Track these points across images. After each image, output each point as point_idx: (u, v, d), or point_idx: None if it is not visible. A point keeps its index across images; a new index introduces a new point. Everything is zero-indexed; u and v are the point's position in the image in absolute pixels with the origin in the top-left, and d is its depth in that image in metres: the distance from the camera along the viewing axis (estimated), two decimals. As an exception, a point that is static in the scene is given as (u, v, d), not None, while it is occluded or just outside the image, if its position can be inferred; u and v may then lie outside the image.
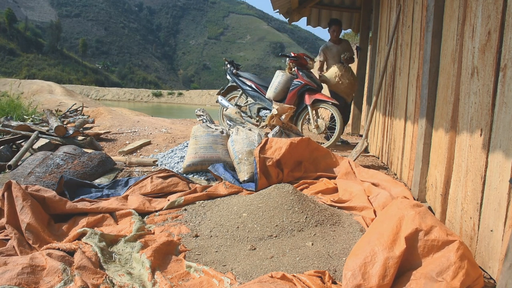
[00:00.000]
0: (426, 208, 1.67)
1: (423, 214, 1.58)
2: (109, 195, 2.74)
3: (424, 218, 1.55)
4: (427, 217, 1.57)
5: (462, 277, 1.36)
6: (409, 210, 1.61)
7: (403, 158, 3.23)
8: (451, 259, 1.40)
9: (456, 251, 1.42)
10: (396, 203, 1.75)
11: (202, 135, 3.53)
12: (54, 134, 4.28)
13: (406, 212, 1.60)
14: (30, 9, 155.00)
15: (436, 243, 1.48)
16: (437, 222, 1.55)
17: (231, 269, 1.74)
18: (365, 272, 1.43)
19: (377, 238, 1.54)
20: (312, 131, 4.75)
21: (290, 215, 2.16)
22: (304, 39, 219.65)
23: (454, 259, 1.40)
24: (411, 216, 1.57)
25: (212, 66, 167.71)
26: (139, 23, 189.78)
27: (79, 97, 18.91)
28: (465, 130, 1.92)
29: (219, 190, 2.78)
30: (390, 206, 1.78)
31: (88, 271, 1.59)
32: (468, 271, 1.38)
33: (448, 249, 1.45)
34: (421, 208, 1.63)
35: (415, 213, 1.58)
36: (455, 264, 1.39)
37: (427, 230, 1.51)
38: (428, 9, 2.48)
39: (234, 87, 5.69)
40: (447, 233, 1.50)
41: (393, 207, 1.73)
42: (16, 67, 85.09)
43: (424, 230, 1.51)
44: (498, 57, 1.62)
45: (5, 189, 2.13)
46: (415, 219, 1.55)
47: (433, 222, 1.54)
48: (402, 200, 1.76)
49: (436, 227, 1.51)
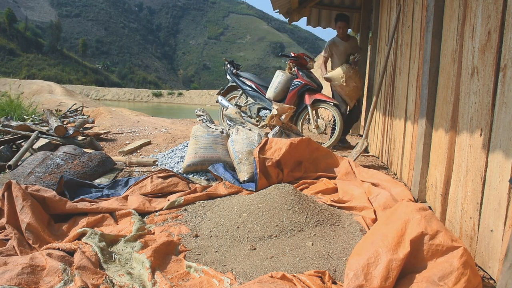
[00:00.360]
0: (431, 212, 1.67)
1: (429, 218, 1.58)
2: (109, 195, 2.74)
3: (430, 223, 1.55)
4: (433, 221, 1.57)
5: (463, 284, 1.36)
6: (415, 214, 1.60)
7: (403, 158, 3.23)
8: (454, 265, 1.40)
9: (460, 258, 1.42)
10: (401, 206, 1.75)
11: (202, 135, 3.53)
12: (54, 134, 4.28)
13: (412, 215, 1.60)
14: (30, 9, 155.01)
15: (440, 248, 1.48)
16: (442, 227, 1.56)
17: (231, 269, 1.74)
18: (368, 273, 1.43)
19: (381, 239, 1.53)
20: (312, 131, 4.75)
21: (290, 215, 2.16)
22: (304, 39, 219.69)
23: (457, 265, 1.40)
24: (417, 219, 1.57)
25: (212, 66, 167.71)
26: (139, 23, 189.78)
27: (79, 97, 18.91)
28: (465, 130, 1.92)
29: (219, 190, 2.78)
30: (395, 209, 1.78)
31: (88, 271, 1.59)
32: (470, 278, 1.38)
33: (452, 255, 1.45)
34: (427, 212, 1.63)
35: (421, 217, 1.58)
36: (457, 270, 1.38)
37: (432, 234, 1.51)
38: (428, 9, 2.48)
39: (234, 87, 5.69)
40: (452, 239, 1.50)
41: (398, 210, 1.73)
42: (16, 67, 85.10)
43: (430, 234, 1.51)
44: (498, 57, 1.62)
45: (5, 189, 2.13)
46: (421, 222, 1.55)
47: (438, 227, 1.54)
48: (407, 203, 1.76)
49: (442, 232, 1.51)
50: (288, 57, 5.05)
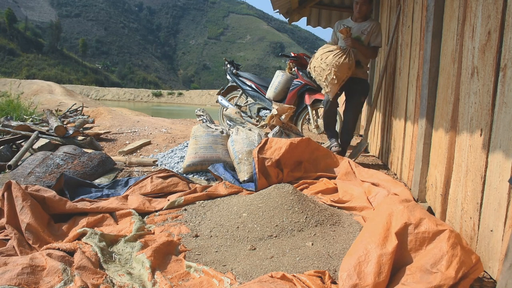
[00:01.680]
0: (414, 202, 1.68)
1: (412, 207, 1.59)
2: (109, 195, 2.74)
3: (413, 212, 1.55)
4: (416, 210, 1.57)
5: (456, 265, 1.35)
6: (398, 205, 1.61)
7: (403, 158, 3.23)
8: (443, 249, 1.40)
9: (447, 240, 1.42)
10: (385, 200, 1.76)
11: (202, 135, 3.53)
12: (54, 134, 4.28)
13: (394, 207, 1.61)
14: (30, 9, 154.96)
15: (427, 235, 1.48)
16: (426, 214, 1.55)
17: (231, 269, 1.74)
18: (360, 272, 1.43)
19: (369, 236, 1.54)
20: (312, 131, 4.75)
21: (290, 215, 2.16)
22: (304, 39, 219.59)
23: (446, 249, 1.39)
24: (399, 210, 1.57)
25: (212, 66, 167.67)
26: (139, 23, 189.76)
27: (79, 97, 18.91)
28: (465, 130, 1.92)
29: (219, 190, 2.78)
30: (380, 204, 1.79)
31: (88, 271, 1.59)
32: (462, 258, 1.37)
33: (440, 239, 1.45)
34: (409, 203, 1.63)
35: (404, 207, 1.58)
36: (447, 254, 1.38)
37: (416, 223, 1.51)
38: (428, 9, 2.48)
39: (234, 87, 5.70)
40: (436, 223, 1.50)
41: (382, 204, 1.73)
42: (16, 67, 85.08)
43: (414, 223, 1.51)
44: (498, 57, 1.62)
45: (5, 189, 2.13)
46: (403, 213, 1.55)
47: (421, 215, 1.54)
48: (391, 196, 1.77)
49: (425, 219, 1.51)
50: (288, 57, 5.05)
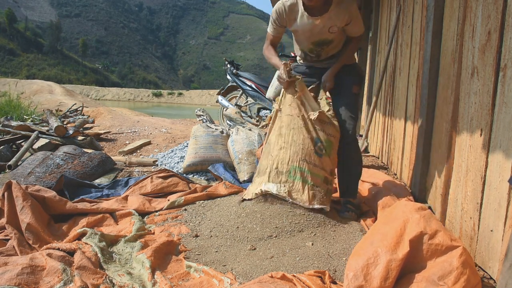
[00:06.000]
0: (430, 212, 1.67)
1: (428, 217, 1.58)
2: (109, 195, 2.74)
3: (429, 222, 1.55)
4: (432, 221, 1.57)
5: (463, 283, 1.36)
6: (414, 213, 1.60)
7: (403, 158, 3.23)
8: (454, 264, 1.40)
9: (459, 257, 1.42)
10: (400, 205, 1.75)
11: (202, 135, 3.53)
12: (54, 134, 4.28)
13: (410, 215, 1.60)
14: (30, 9, 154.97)
15: (439, 247, 1.48)
16: (441, 226, 1.55)
17: (231, 269, 1.74)
18: (367, 273, 1.43)
19: (381, 239, 1.53)
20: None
21: (291, 216, 2.16)
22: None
23: (457, 265, 1.40)
24: (416, 219, 1.57)
25: (212, 66, 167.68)
26: (139, 23, 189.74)
27: (79, 97, 18.91)
28: (465, 130, 1.92)
29: (219, 190, 2.78)
30: (394, 208, 1.77)
31: (88, 271, 1.59)
32: (469, 277, 1.38)
33: (451, 255, 1.45)
34: (425, 212, 1.63)
35: (420, 216, 1.58)
36: (457, 270, 1.38)
37: (432, 234, 1.51)
38: (428, 9, 2.48)
39: (234, 87, 5.70)
40: (451, 238, 1.50)
41: (397, 209, 1.72)
42: (16, 67, 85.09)
43: (429, 233, 1.51)
44: (498, 57, 1.62)
45: (5, 189, 2.13)
46: (420, 222, 1.55)
47: (437, 227, 1.54)
48: (406, 202, 1.76)
49: (441, 232, 1.51)
50: (288, 57, 5.05)
